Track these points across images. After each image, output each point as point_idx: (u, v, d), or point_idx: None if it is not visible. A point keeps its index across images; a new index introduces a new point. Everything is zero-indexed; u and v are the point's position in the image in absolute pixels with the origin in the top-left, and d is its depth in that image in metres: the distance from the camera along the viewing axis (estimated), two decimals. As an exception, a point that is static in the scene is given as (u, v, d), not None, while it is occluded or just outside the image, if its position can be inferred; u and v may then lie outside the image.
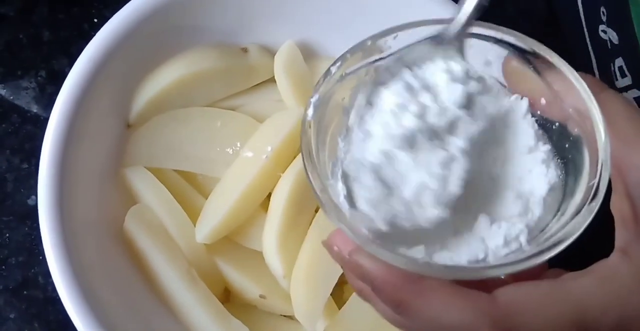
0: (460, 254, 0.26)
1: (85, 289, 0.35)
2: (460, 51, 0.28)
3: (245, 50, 0.43)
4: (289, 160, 0.41)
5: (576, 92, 0.26)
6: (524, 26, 0.50)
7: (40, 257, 0.44)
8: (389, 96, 0.27)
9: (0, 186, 0.46)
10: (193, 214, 0.41)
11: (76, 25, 0.48)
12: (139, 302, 0.39)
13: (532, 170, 0.27)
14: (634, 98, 0.43)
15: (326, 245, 0.28)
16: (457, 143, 0.26)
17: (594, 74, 0.47)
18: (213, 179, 0.42)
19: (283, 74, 0.42)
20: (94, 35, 0.38)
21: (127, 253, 0.40)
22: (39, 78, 0.48)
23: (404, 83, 0.27)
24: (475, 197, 0.27)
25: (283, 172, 0.41)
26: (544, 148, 0.28)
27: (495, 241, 0.26)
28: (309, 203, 0.40)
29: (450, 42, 0.28)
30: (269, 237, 0.39)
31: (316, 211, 0.41)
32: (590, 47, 0.47)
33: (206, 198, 0.41)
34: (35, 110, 0.47)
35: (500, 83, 0.29)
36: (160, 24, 0.40)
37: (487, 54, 0.28)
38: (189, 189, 0.42)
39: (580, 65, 0.48)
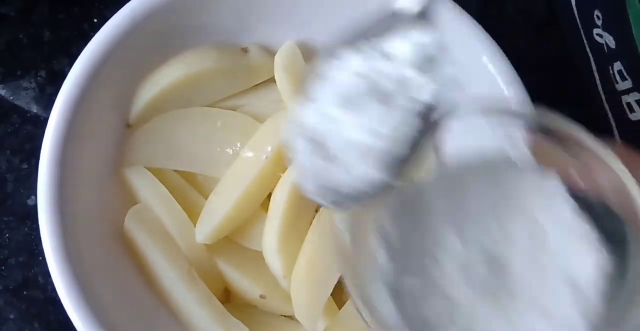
0: None
1: (85, 289, 0.35)
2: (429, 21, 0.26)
3: (245, 50, 0.43)
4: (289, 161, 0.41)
5: (609, 169, 0.25)
6: (523, 26, 0.50)
7: (40, 257, 0.44)
8: (336, 62, 0.25)
9: (0, 186, 0.46)
10: (193, 214, 0.41)
11: (76, 25, 0.48)
12: (139, 302, 0.39)
13: (577, 252, 0.25)
14: (636, 100, 0.43)
15: None
16: (402, 101, 0.24)
17: (593, 77, 0.47)
18: (213, 179, 0.42)
19: (283, 74, 0.42)
20: (94, 35, 0.38)
21: (127, 253, 0.40)
22: (39, 78, 0.48)
23: (355, 50, 0.25)
24: (514, 288, 0.26)
25: (283, 172, 0.41)
26: (587, 227, 0.26)
27: None
28: (309, 204, 0.40)
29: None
30: (269, 237, 0.39)
31: (316, 211, 0.41)
32: (588, 49, 0.47)
33: (206, 199, 0.41)
34: (35, 111, 0.47)
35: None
36: (160, 24, 0.40)
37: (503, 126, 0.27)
38: (189, 189, 0.42)
39: (580, 66, 0.48)
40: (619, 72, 0.44)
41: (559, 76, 0.49)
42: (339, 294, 0.41)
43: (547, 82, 0.43)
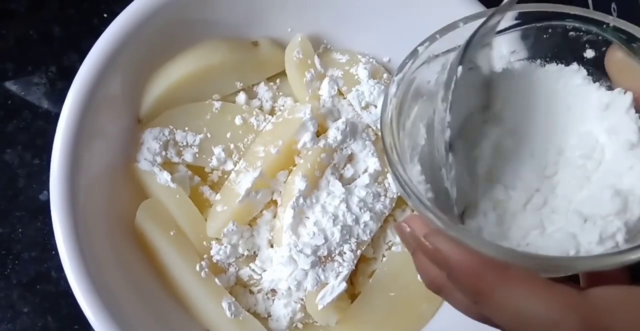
0: (549, 250, 0.24)
1: (97, 283, 0.35)
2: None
3: (255, 43, 0.43)
4: (299, 154, 0.41)
5: None
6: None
7: (53, 252, 0.45)
8: None
9: (12, 182, 0.46)
10: (204, 208, 0.41)
11: (86, 20, 0.49)
12: (150, 296, 0.39)
13: (633, 167, 0.25)
14: None
15: (398, 228, 0.26)
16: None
17: None
18: (224, 173, 0.42)
19: (294, 67, 0.42)
20: (104, 30, 0.38)
21: (138, 247, 0.40)
22: (49, 74, 0.48)
23: None
24: (566, 192, 0.26)
25: (294, 166, 0.41)
26: None
27: (589, 238, 0.24)
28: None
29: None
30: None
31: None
32: None
33: (217, 193, 0.41)
34: (46, 106, 0.47)
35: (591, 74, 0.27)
36: (170, 19, 0.40)
37: (579, 41, 0.27)
38: (200, 184, 0.42)
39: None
40: (616, 9, 0.43)
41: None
42: (350, 288, 0.41)
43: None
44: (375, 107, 0.43)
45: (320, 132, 0.41)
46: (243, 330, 0.39)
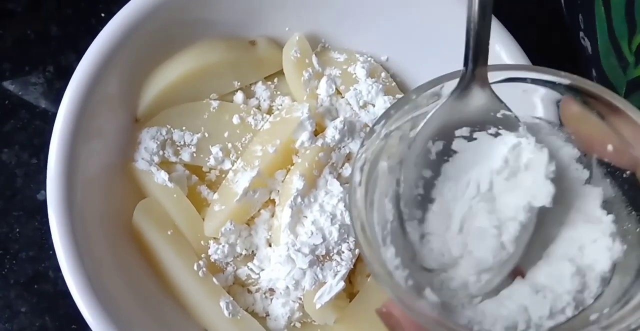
0: (500, 321, 0.25)
1: (94, 283, 0.35)
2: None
3: (253, 43, 0.43)
4: (297, 153, 0.41)
5: None
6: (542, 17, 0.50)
7: (50, 252, 0.45)
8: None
9: (9, 181, 0.46)
10: (202, 208, 0.41)
11: (83, 20, 0.48)
12: (148, 295, 0.39)
13: (596, 241, 0.25)
14: None
15: (380, 314, 0.27)
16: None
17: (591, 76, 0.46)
18: (222, 173, 0.42)
19: (291, 66, 0.42)
20: (102, 30, 0.38)
21: (135, 246, 0.40)
22: (47, 73, 0.48)
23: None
24: (526, 259, 0.26)
25: (291, 165, 0.41)
26: (610, 218, 0.26)
27: (540, 312, 0.25)
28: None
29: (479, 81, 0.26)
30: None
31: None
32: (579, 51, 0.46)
33: (215, 192, 0.41)
34: (43, 106, 0.47)
35: (552, 125, 0.27)
36: (167, 18, 0.40)
37: (532, 96, 0.27)
38: (198, 183, 0.42)
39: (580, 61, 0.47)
40: (595, 78, 0.43)
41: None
42: (349, 287, 0.41)
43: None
44: (374, 106, 0.43)
45: (318, 131, 0.41)
46: (241, 329, 0.39)
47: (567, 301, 0.25)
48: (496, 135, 0.27)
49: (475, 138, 0.27)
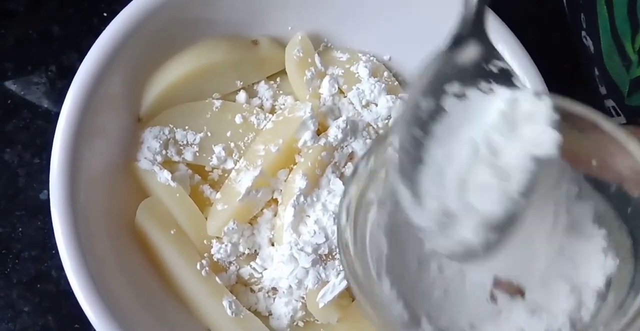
0: None
1: (97, 282, 0.35)
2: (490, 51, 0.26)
3: (255, 42, 0.43)
4: (299, 152, 0.41)
5: (628, 153, 0.24)
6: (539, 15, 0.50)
7: (53, 251, 0.45)
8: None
9: (12, 181, 0.46)
10: (205, 207, 0.41)
11: (86, 19, 0.48)
12: (151, 295, 0.39)
13: (590, 257, 0.25)
14: (612, 106, 0.43)
15: None
16: None
17: (593, 74, 0.46)
18: (224, 172, 0.42)
19: (294, 65, 0.42)
20: (104, 29, 0.38)
21: (138, 246, 0.40)
22: (49, 73, 0.48)
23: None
24: (523, 278, 0.26)
25: (294, 164, 0.41)
26: (602, 232, 0.25)
27: None
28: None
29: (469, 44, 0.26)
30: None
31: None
32: (581, 50, 0.46)
33: (218, 191, 0.41)
34: (45, 105, 0.47)
35: None
36: (170, 17, 0.40)
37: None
38: (201, 182, 0.42)
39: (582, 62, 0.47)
40: (598, 77, 0.43)
41: (570, 67, 0.49)
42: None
43: (558, 72, 0.43)
44: (376, 105, 0.43)
45: (320, 131, 0.41)
46: (244, 328, 0.39)
47: (562, 321, 0.25)
48: (489, 91, 0.26)
49: (465, 96, 0.26)
